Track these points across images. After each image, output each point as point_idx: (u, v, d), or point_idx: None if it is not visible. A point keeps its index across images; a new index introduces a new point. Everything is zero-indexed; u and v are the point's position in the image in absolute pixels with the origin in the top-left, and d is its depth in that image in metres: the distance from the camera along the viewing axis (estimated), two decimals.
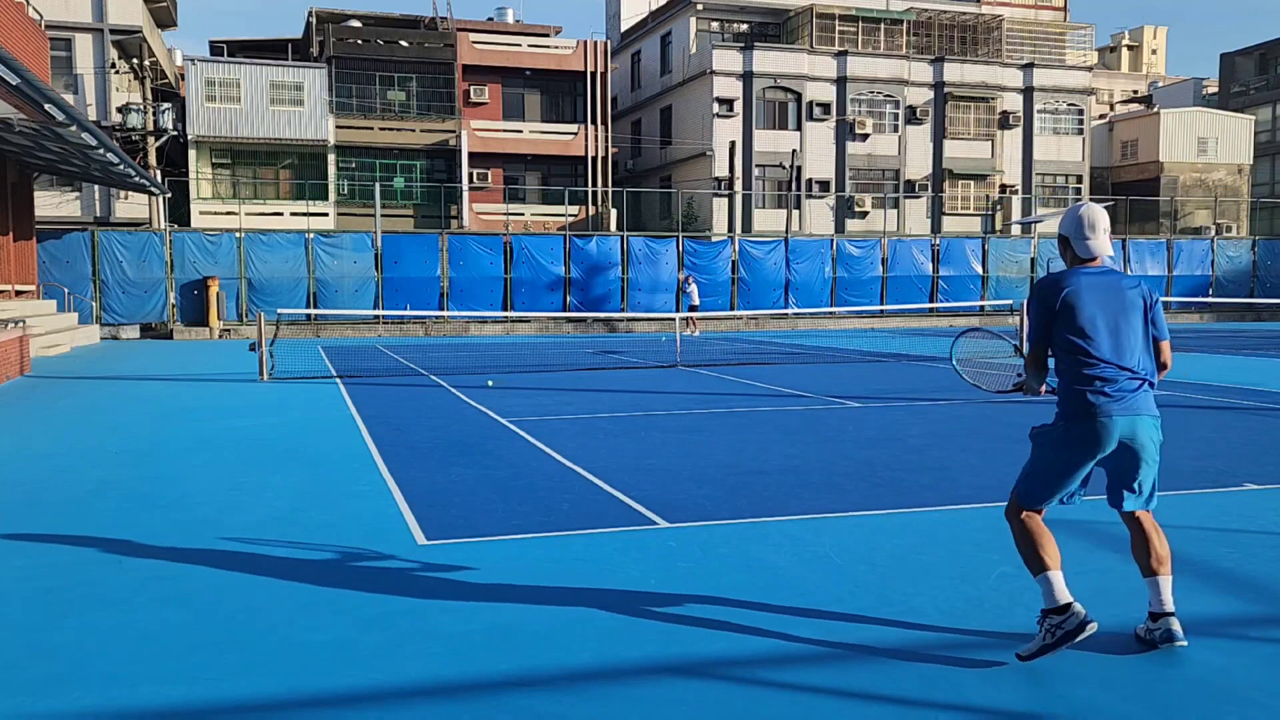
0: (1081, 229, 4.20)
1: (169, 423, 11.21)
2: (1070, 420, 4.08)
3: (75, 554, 5.69)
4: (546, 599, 4.81)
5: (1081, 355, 4.07)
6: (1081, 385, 4.06)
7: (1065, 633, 3.93)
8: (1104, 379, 4.04)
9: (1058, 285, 4.14)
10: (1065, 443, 4.10)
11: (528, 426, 10.53)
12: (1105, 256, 4.22)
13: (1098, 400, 4.02)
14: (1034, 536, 4.17)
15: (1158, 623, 4.14)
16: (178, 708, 3.64)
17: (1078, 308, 4.08)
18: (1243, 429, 10.29)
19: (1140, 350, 4.12)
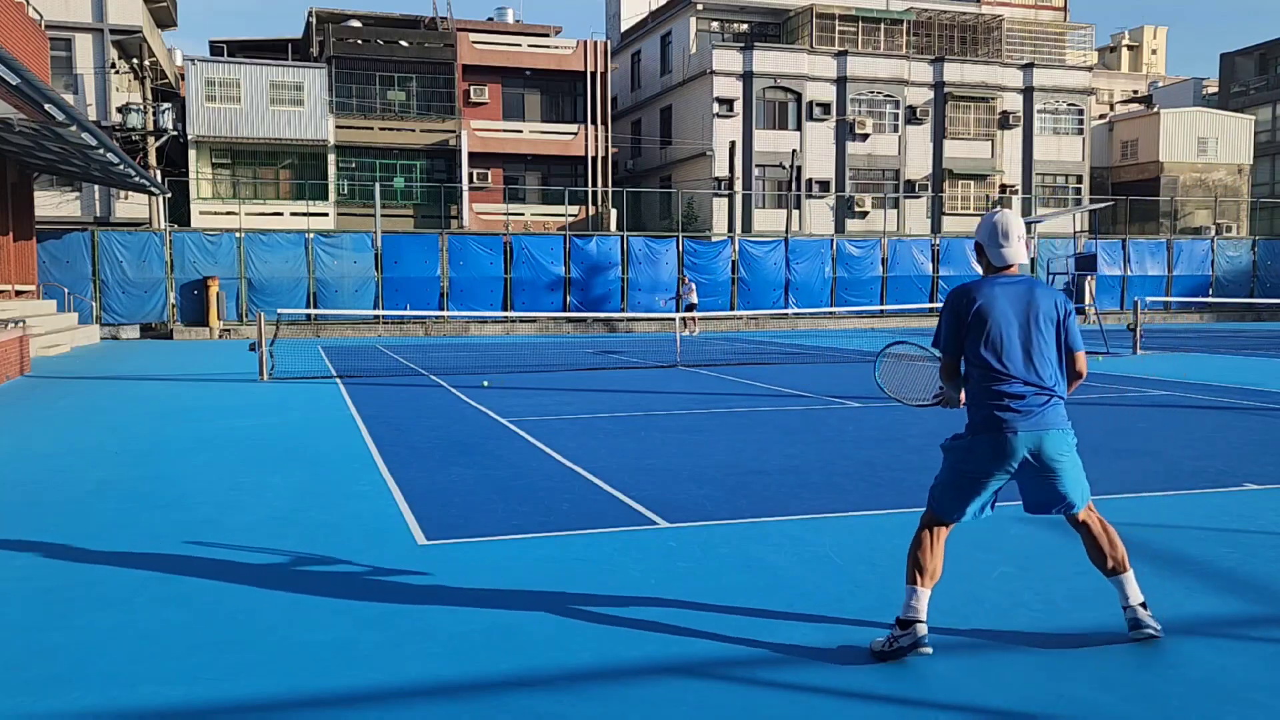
0: (995, 236, 4.14)
1: (169, 423, 11.21)
2: (976, 433, 4.06)
3: (75, 554, 5.69)
4: (546, 599, 4.81)
5: (990, 368, 4.03)
6: (988, 399, 4.02)
7: (899, 648, 3.98)
8: (1011, 394, 3.99)
9: (969, 295, 4.09)
10: (970, 456, 4.07)
11: (528, 426, 10.53)
12: (1019, 264, 4.16)
13: (1003, 415, 3.98)
14: (926, 550, 4.13)
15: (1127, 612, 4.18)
16: (178, 708, 3.64)
17: (989, 318, 4.03)
18: (1243, 429, 10.28)
19: (1051, 363, 4.07)
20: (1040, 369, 4.04)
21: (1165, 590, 4.88)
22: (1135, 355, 20.16)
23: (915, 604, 4.04)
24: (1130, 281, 37.33)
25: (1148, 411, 11.65)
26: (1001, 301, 4.06)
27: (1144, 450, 8.90)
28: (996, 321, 4.03)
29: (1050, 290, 4.18)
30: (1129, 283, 37.27)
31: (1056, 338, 4.10)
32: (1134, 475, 7.74)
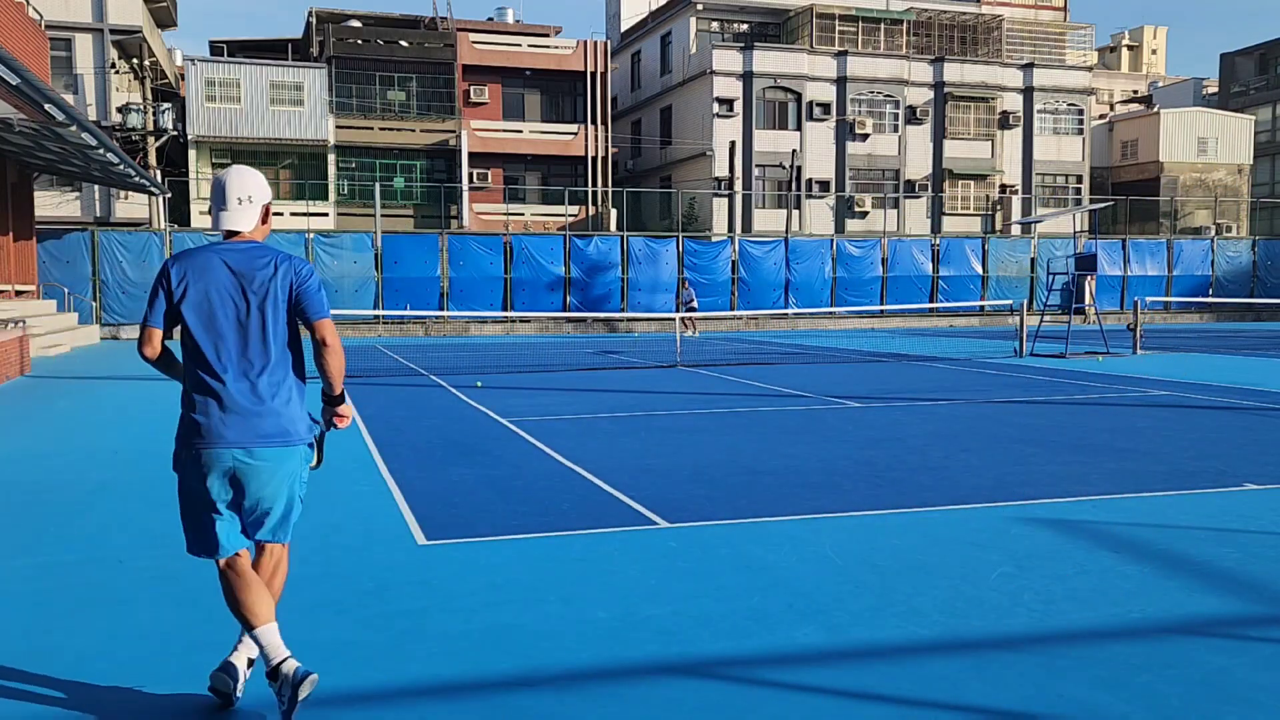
0: (214, 197, 3.55)
1: (169, 423, 11.17)
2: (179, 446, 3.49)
3: (75, 554, 5.69)
4: (546, 599, 4.81)
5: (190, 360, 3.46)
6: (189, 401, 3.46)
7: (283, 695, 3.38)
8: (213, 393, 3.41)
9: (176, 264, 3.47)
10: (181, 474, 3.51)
11: (528, 426, 10.52)
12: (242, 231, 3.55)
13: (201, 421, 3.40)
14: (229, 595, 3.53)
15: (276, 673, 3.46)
16: (177, 708, 3.64)
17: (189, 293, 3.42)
18: (1243, 429, 10.28)
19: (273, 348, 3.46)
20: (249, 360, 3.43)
21: (1165, 590, 4.89)
22: (1135, 355, 20.16)
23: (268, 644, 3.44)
24: (1130, 281, 37.33)
25: (1148, 411, 11.65)
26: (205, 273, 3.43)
27: (1144, 450, 8.90)
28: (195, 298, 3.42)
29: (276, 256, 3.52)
30: (1129, 283, 37.26)
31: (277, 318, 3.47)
32: (1134, 475, 7.74)
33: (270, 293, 3.43)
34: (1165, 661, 3.99)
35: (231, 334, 3.42)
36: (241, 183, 3.53)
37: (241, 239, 3.53)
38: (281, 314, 3.46)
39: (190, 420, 3.41)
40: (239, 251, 3.48)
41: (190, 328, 3.42)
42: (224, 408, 3.37)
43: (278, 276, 3.45)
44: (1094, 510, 6.58)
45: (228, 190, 3.50)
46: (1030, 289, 36.09)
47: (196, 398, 3.41)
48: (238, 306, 3.43)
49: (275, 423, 3.42)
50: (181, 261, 3.47)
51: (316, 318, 3.51)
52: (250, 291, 3.43)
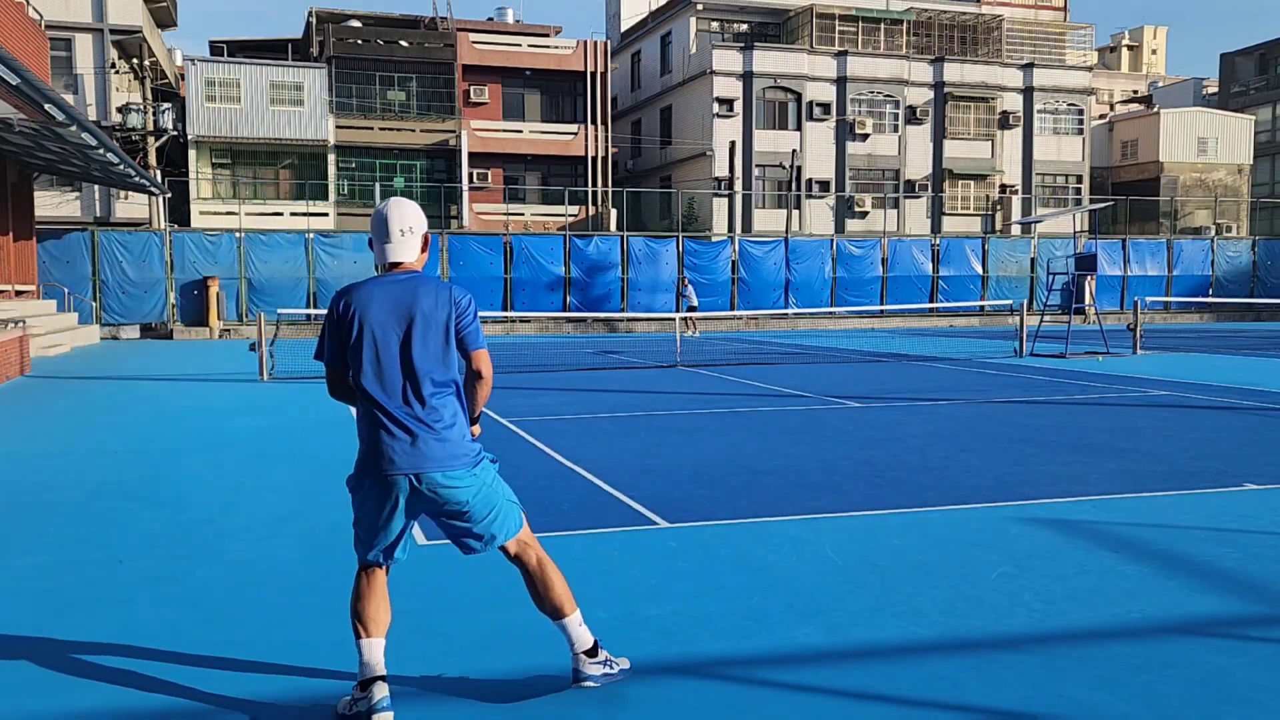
0: (375, 231, 3.61)
1: (169, 423, 11.21)
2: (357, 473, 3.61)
3: (75, 554, 5.69)
4: None
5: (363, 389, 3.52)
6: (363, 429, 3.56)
7: (357, 713, 3.50)
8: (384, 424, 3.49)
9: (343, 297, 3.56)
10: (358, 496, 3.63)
11: (528, 426, 10.52)
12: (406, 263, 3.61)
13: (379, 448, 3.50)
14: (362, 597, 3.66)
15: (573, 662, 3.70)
16: (177, 707, 3.64)
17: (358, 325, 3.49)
18: (1243, 429, 10.28)
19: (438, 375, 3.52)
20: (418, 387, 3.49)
21: (1165, 590, 4.89)
22: (1135, 355, 20.16)
23: (368, 659, 3.54)
24: (1130, 281, 37.33)
25: (1148, 411, 11.65)
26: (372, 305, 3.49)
27: (1144, 450, 8.90)
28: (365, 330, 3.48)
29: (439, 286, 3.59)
30: (1129, 283, 37.27)
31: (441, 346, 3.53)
32: (1134, 475, 7.74)
33: (433, 322, 3.50)
34: (1165, 661, 3.99)
35: (397, 363, 3.49)
36: (403, 215, 3.59)
37: (403, 269, 3.60)
38: (444, 342, 3.53)
39: (365, 448, 3.53)
40: (401, 282, 3.54)
41: (360, 358, 3.50)
42: (394, 435, 3.46)
43: (439, 306, 3.52)
44: (1094, 510, 6.58)
45: (390, 223, 3.57)
46: (1030, 289, 36.10)
47: (368, 426, 3.52)
48: (402, 335, 3.49)
49: (443, 448, 3.49)
50: (348, 295, 3.55)
51: (474, 348, 3.61)
52: (415, 321, 3.49)
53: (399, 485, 3.47)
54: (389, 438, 3.46)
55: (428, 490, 3.48)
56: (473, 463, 3.56)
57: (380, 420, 3.48)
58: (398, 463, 3.45)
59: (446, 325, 3.52)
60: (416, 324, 3.48)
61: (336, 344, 3.54)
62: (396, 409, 3.47)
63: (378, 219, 3.59)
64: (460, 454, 3.52)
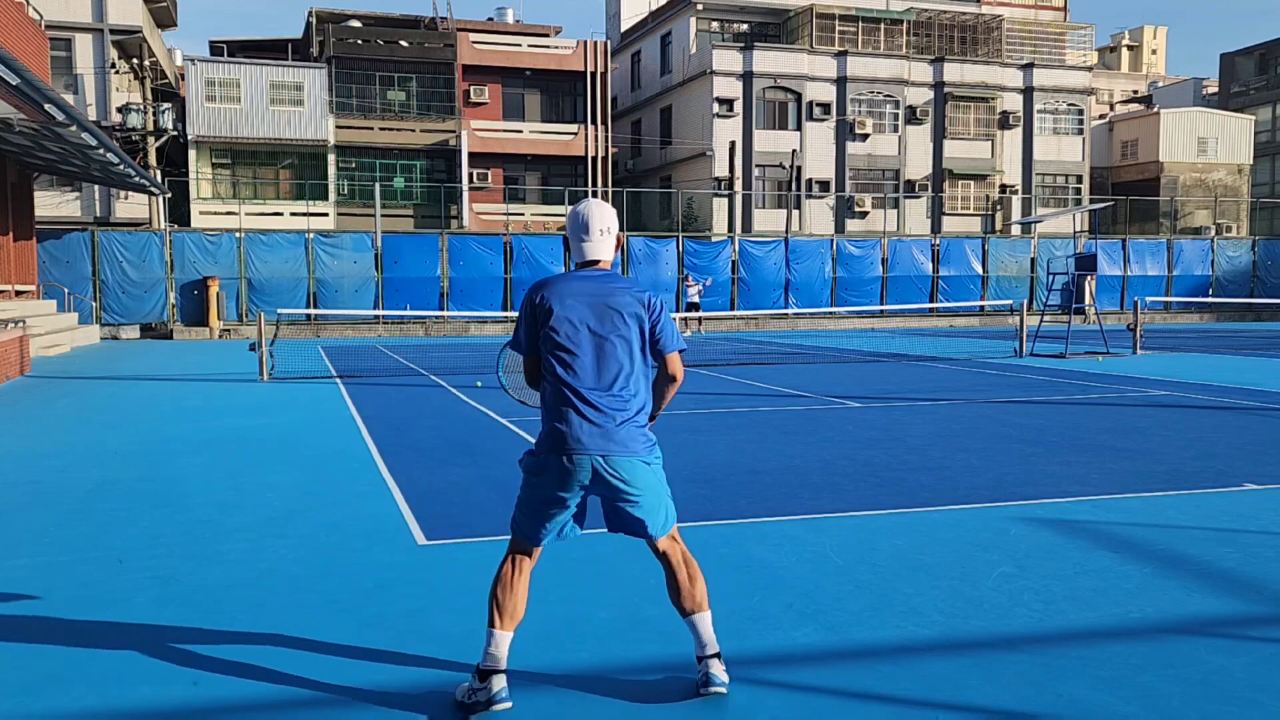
0: (576, 229, 3.74)
1: (169, 423, 11.21)
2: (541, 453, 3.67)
3: (75, 554, 5.69)
4: (546, 599, 4.80)
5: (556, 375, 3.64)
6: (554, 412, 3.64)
7: (475, 702, 3.59)
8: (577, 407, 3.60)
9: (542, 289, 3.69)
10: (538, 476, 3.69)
11: (528, 427, 10.52)
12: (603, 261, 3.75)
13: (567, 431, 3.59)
14: (508, 585, 3.69)
15: (700, 665, 3.73)
16: (177, 708, 3.64)
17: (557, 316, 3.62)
18: (1243, 429, 10.28)
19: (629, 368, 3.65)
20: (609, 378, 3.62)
21: (1165, 590, 4.89)
22: (1135, 355, 20.16)
23: (494, 650, 3.62)
24: (1130, 281, 37.34)
25: (1148, 411, 11.65)
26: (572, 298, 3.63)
27: (1144, 450, 8.90)
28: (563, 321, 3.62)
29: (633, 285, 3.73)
30: (1129, 283, 37.28)
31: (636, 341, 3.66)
32: (1134, 475, 7.74)
33: (628, 319, 3.66)
34: (1165, 661, 3.99)
35: (590, 355, 3.62)
36: (602, 215, 3.74)
37: (598, 267, 3.76)
38: (635, 339, 3.67)
39: (552, 429, 3.63)
40: (597, 279, 3.70)
41: (554, 349, 3.63)
42: (584, 418, 3.59)
43: (633, 304, 3.67)
44: (1094, 510, 6.58)
45: (591, 222, 3.72)
46: (1030, 289, 36.10)
47: (559, 408, 3.63)
48: (596, 329, 3.63)
49: (628, 435, 3.62)
50: (545, 288, 3.69)
51: (669, 350, 3.76)
52: (610, 315, 3.65)
53: (582, 466, 3.58)
54: (580, 419, 3.59)
55: (609, 473, 3.59)
56: (652, 453, 3.69)
57: (573, 403, 3.60)
58: (585, 443, 3.57)
59: (640, 324, 3.68)
60: (612, 318, 3.64)
61: (533, 333, 3.69)
62: (589, 394, 3.61)
63: (579, 218, 3.74)
64: (644, 443, 3.66)
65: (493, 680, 3.58)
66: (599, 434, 3.59)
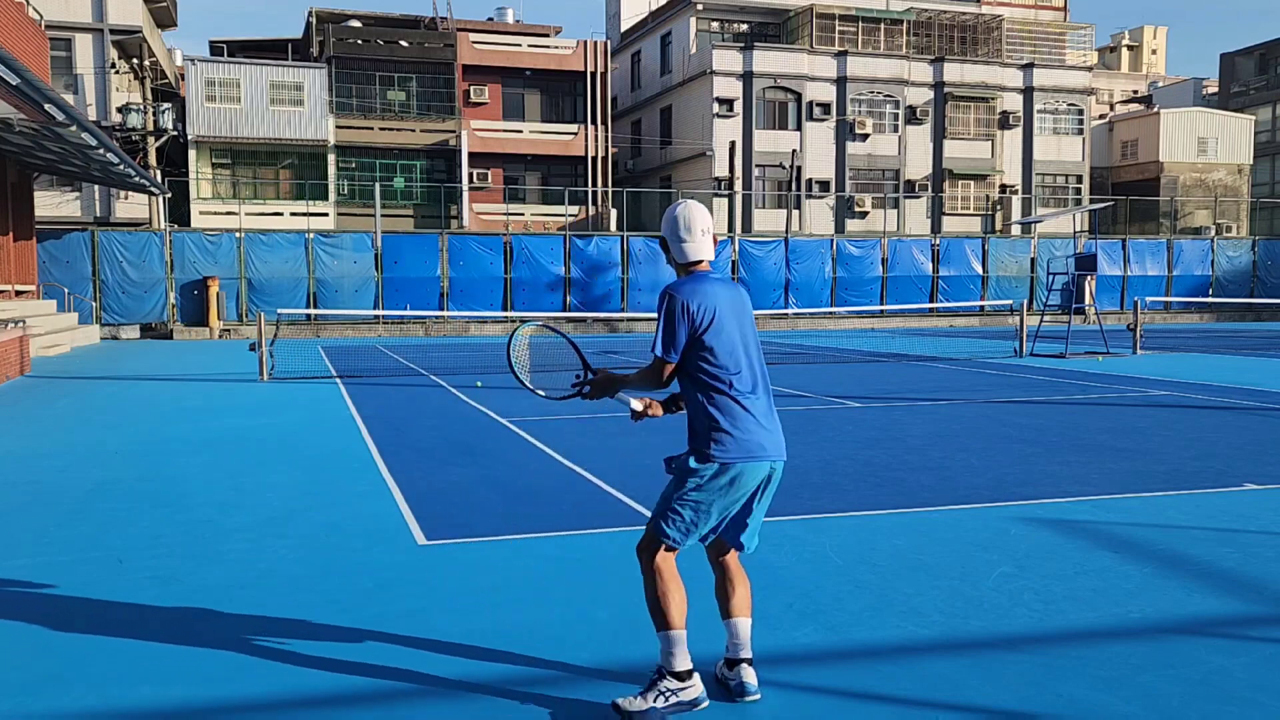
0: (677, 229, 3.70)
1: (169, 423, 11.21)
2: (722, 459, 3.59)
3: (75, 554, 5.69)
4: (546, 599, 4.81)
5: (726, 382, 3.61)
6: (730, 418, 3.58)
7: (680, 702, 3.57)
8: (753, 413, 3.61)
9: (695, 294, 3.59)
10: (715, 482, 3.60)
11: (528, 426, 10.52)
12: (706, 260, 3.74)
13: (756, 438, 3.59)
14: (667, 583, 3.65)
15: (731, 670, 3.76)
16: (177, 708, 3.64)
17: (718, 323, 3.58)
18: (1243, 429, 10.28)
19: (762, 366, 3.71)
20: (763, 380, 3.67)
21: (1165, 590, 4.89)
22: (1135, 355, 20.16)
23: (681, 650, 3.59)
24: (1130, 281, 37.34)
25: (1148, 411, 11.65)
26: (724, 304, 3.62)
27: (1144, 450, 8.90)
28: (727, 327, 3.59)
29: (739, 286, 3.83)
30: (1129, 283, 37.28)
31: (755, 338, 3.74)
32: (1134, 475, 7.74)
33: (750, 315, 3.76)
34: (1165, 661, 3.99)
35: (745, 361, 3.66)
36: (703, 216, 3.76)
37: (700, 268, 3.74)
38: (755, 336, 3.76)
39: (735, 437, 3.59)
40: (728, 282, 3.76)
41: (717, 355, 3.61)
42: (760, 424, 3.63)
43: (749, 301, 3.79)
44: (1094, 510, 6.58)
45: (694, 222, 3.71)
46: (1030, 289, 36.09)
47: (728, 415, 3.60)
48: (744, 334, 3.68)
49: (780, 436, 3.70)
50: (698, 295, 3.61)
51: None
52: (747, 319, 3.73)
53: (762, 472, 3.63)
54: (758, 427, 3.61)
55: (775, 476, 3.68)
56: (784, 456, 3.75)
57: (748, 410, 3.61)
58: (769, 450, 3.62)
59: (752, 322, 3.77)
60: (749, 321, 3.73)
61: (688, 339, 3.62)
62: (759, 399, 3.65)
63: (682, 220, 3.71)
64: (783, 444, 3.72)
65: (696, 677, 3.61)
66: (772, 439, 3.64)
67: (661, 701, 3.54)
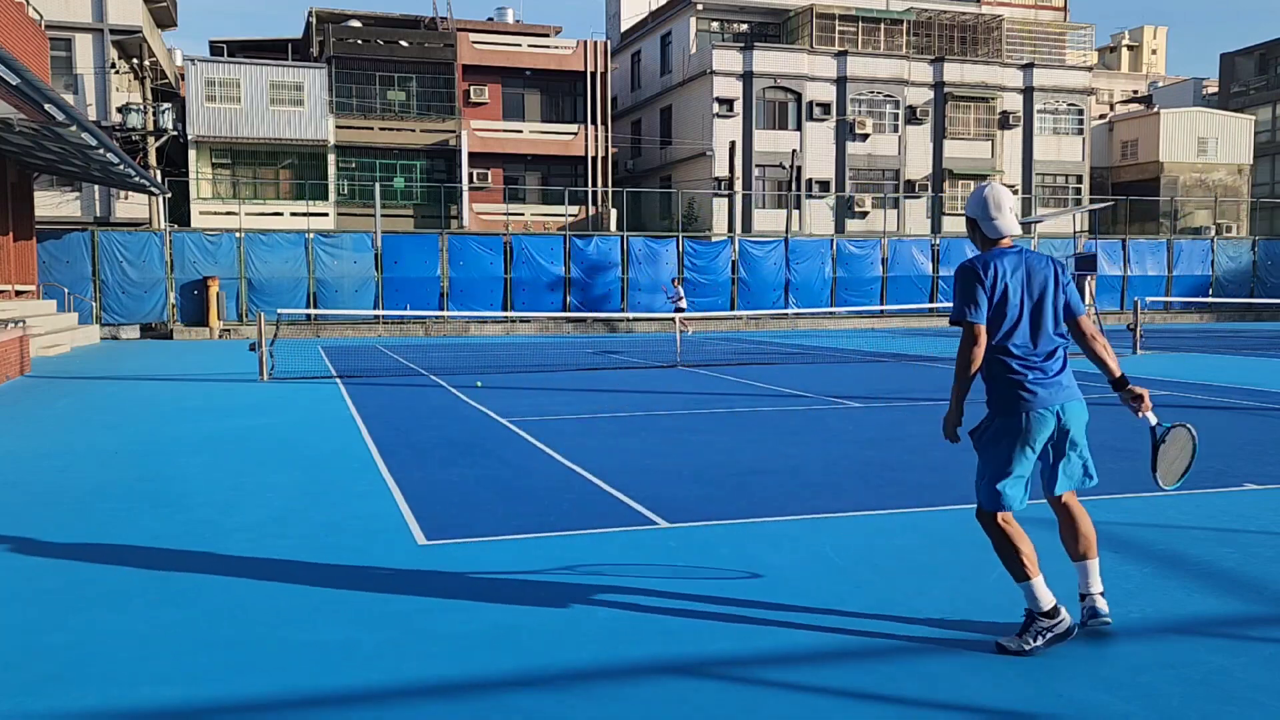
0: (988, 208, 4.19)
1: (169, 423, 11.21)
2: (1011, 415, 4.07)
3: (75, 554, 5.69)
4: (546, 599, 4.81)
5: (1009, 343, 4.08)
6: (1013, 376, 4.06)
7: (1055, 635, 4.04)
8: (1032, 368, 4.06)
9: (986, 265, 4.09)
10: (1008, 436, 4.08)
11: (528, 426, 10.52)
12: (1013, 235, 4.22)
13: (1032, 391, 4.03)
14: (1012, 541, 4.11)
15: (1084, 601, 4.24)
16: (177, 708, 3.64)
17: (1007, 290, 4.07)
18: (1243, 429, 10.29)
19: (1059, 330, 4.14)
20: (1052, 340, 4.10)
21: (1165, 590, 4.89)
22: (1135, 355, 20.15)
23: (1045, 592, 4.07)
24: (1130, 281, 37.33)
25: None
26: (1013, 273, 4.09)
27: (1144, 450, 8.86)
28: (1012, 294, 4.06)
29: (1044, 257, 4.22)
30: (1129, 283, 37.27)
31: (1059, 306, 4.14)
32: (1134, 475, 7.73)
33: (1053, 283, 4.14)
34: (1165, 661, 3.99)
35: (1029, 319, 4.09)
36: (1009, 195, 4.23)
37: (1008, 244, 4.20)
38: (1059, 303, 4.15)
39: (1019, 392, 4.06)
40: (1021, 252, 4.17)
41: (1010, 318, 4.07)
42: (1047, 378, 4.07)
43: (1053, 272, 4.16)
44: (1094, 510, 6.54)
45: (1003, 201, 4.20)
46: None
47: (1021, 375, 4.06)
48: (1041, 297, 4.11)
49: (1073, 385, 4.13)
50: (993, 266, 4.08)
51: (1079, 313, 4.22)
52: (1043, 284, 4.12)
53: (1047, 421, 4.03)
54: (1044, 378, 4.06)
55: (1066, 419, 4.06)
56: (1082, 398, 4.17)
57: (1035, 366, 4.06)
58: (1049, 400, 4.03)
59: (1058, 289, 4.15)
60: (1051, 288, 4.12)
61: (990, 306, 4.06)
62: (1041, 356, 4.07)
63: (992, 199, 4.18)
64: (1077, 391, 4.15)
65: (1062, 611, 4.04)
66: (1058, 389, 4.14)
67: (1039, 640, 4.02)
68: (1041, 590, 4.06)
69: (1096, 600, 4.20)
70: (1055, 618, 4.03)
